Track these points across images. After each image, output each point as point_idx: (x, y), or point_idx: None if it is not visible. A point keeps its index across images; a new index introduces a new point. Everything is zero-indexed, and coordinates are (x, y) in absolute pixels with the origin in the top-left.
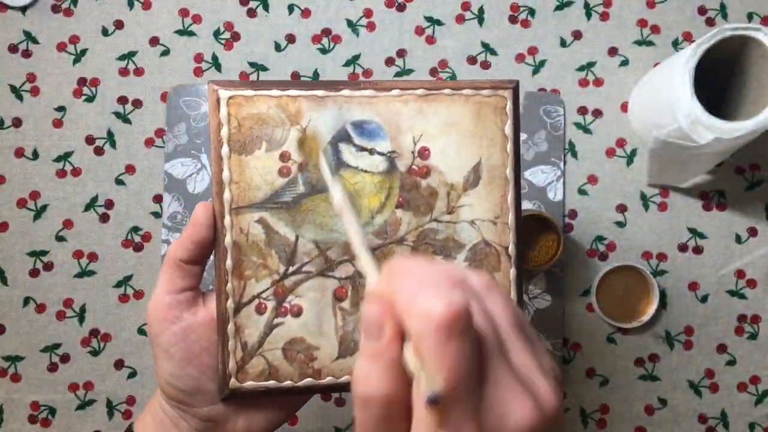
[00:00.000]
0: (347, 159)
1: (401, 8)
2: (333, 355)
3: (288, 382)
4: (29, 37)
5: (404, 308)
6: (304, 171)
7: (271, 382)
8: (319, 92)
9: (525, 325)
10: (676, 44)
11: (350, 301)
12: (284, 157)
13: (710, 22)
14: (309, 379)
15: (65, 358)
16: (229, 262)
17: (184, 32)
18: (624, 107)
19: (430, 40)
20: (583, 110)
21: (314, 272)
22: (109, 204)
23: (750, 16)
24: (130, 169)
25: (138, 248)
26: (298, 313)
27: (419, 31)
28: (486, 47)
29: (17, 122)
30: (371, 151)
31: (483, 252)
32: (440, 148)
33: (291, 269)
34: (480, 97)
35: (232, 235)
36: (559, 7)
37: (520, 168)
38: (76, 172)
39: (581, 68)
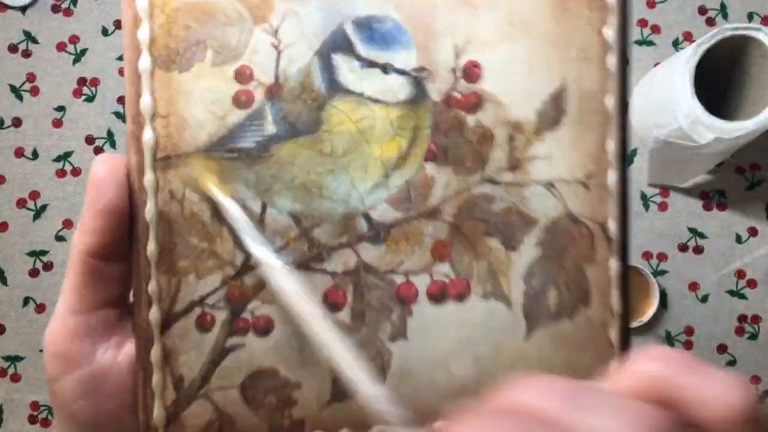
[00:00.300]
0: (346, 80)
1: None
2: (323, 397)
3: None
4: (29, 36)
5: None
6: (276, 99)
7: None
8: None
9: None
10: (676, 44)
11: (351, 311)
12: (242, 74)
13: (710, 22)
14: None
15: None
16: (152, 247)
17: None
18: None
19: None
20: None
21: (291, 263)
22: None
23: (750, 16)
24: None
25: None
26: (265, 329)
27: None
28: None
29: (17, 122)
30: (385, 68)
31: (567, 233)
32: (498, 63)
33: (254, 258)
34: None
35: (157, 202)
36: None
37: (628, 96)
38: (75, 172)
39: None
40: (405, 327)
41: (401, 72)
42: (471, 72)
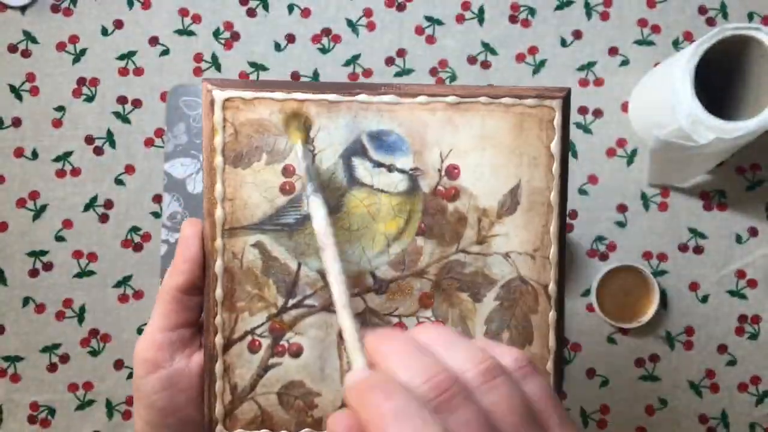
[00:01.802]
0: (361, 176)
1: (401, 8)
2: (336, 403)
3: None
4: (28, 36)
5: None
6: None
7: None
8: (331, 96)
9: (541, 411)
10: (676, 44)
11: None
12: (287, 171)
13: (710, 22)
14: (307, 430)
15: (65, 359)
16: (219, 291)
17: (183, 32)
18: (624, 107)
19: (430, 39)
20: (583, 110)
21: (318, 307)
22: (109, 204)
23: (750, 16)
24: (129, 169)
25: (137, 248)
26: (297, 353)
27: (419, 30)
28: (486, 47)
29: (17, 122)
30: (390, 168)
31: (518, 290)
32: (472, 166)
33: (291, 302)
34: (522, 107)
35: (223, 259)
36: (559, 7)
37: (567, 193)
38: (75, 172)
39: (581, 68)
40: None
41: (401, 171)
42: (452, 172)
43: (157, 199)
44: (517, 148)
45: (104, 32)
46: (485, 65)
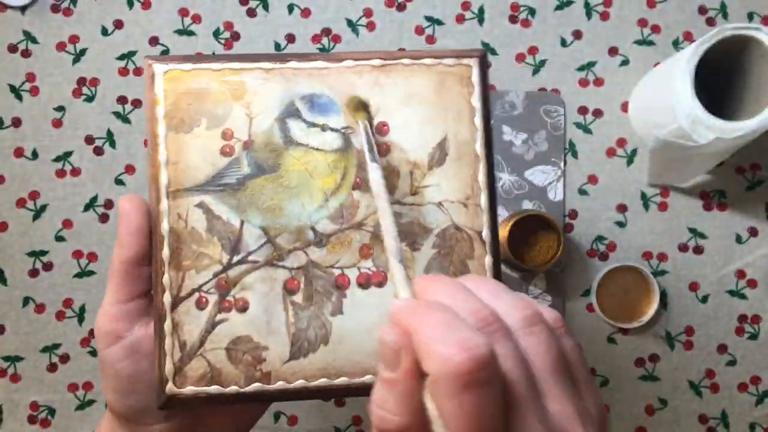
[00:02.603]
0: (297, 136)
1: (401, 8)
2: (284, 357)
3: (233, 387)
4: (28, 36)
5: (422, 347)
6: (249, 150)
7: (214, 388)
8: (265, 64)
9: (572, 364)
10: (676, 44)
11: (303, 294)
12: (226, 135)
13: (710, 22)
14: (257, 384)
15: (65, 359)
16: (165, 252)
17: (183, 32)
18: (624, 107)
19: (430, 39)
20: (583, 110)
21: (262, 262)
22: (109, 204)
23: (750, 16)
24: (129, 169)
25: None
26: (243, 307)
27: (419, 30)
28: (486, 47)
29: (17, 122)
30: (323, 127)
31: (453, 237)
32: (400, 123)
33: (236, 258)
34: (442, 66)
35: (169, 221)
36: (559, 7)
37: (492, 143)
38: (75, 172)
39: (581, 68)
40: (341, 305)
41: (334, 129)
42: (381, 129)
43: None
44: (441, 104)
45: (104, 32)
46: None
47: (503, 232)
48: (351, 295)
